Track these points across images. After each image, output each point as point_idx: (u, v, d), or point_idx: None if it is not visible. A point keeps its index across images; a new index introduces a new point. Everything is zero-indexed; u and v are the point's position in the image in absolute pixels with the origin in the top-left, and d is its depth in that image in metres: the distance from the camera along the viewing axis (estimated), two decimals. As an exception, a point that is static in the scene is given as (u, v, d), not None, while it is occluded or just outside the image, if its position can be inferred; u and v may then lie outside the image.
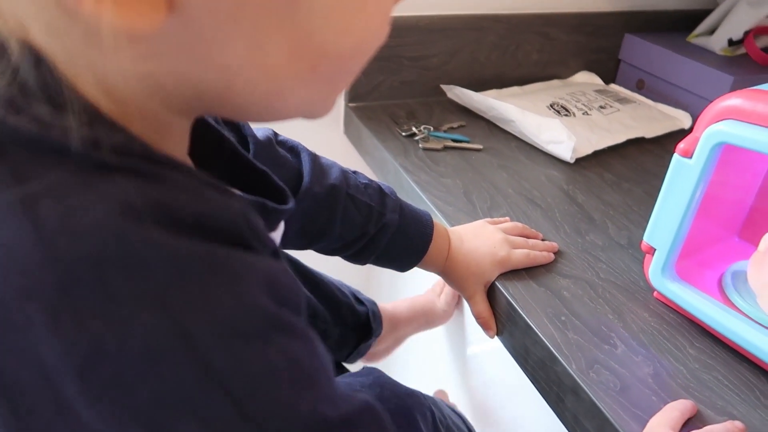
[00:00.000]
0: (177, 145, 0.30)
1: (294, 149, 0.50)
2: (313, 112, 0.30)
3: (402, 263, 0.56)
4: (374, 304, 0.68)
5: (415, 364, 0.93)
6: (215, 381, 0.23)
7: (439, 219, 0.62)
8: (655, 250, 0.52)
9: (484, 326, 0.56)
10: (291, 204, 0.36)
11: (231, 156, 0.37)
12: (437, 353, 0.88)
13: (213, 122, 0.37)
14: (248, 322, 0.24)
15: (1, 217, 0.22)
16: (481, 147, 0.77)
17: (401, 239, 0.54)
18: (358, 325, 0.66)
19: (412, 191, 0.67)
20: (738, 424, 0.42)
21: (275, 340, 0.25)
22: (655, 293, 0.54)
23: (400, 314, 0.74)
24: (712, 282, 0.55)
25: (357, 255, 0.54)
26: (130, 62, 0.24)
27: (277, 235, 0.37)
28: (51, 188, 0.22)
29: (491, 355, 0.75)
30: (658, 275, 0.52)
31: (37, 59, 0.23)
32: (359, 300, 0.66)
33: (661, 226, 0.50)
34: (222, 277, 0.24)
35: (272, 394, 0.25)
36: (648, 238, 0.52)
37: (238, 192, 0.30)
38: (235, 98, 0.27)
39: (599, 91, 0.92)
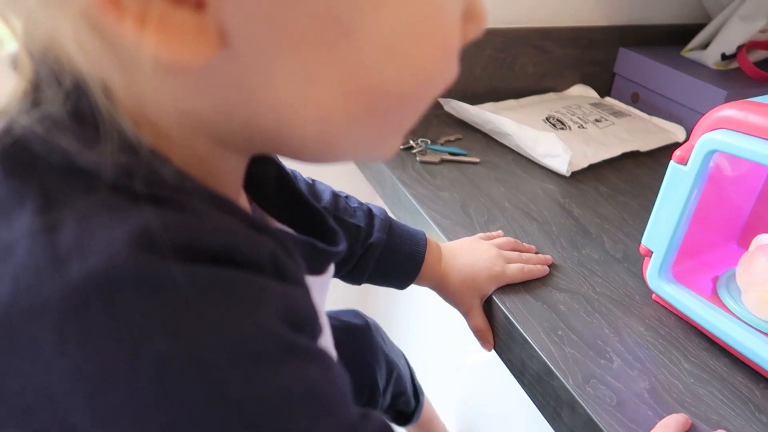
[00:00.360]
0: (226, 179, 0.29)
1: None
2: (374, 154, 0.29)
3: (396, 281, 0.56)
4: (423, 395, 0.69)
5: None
6: (230, 407, 0.22)
7: (436, 232, 0.63)
8: (652, 252, 0.53)
9: (482, 340, 0.56)
10: (342, 246, 0.35)
11: (288, 194, 0.36)
12: (435, 366, 0.88)
13: (274, 158, 0.36)
14: (263, 346, 0.23)
15: (20, 238, 0.22)
16: (478, 160, 0.77)
17: (391, 258, 0.54)
18: (401, 413, 0.66)
19: (410, 204, 0.68)
20: None
21: (291, 365, 0.24)
22: (653, 295, 0.55)
23: (428, 414, 0.78)
24: (708, 285, 0.56)
25: (350, 275, 0.55)
26: (170, 96, 0.23)
27: (326, 279, 0.36)
28: (76, 212, 0.22)
29: (488, 368, 0.75)
30: (655, 277, 0.53)
31: (83, 85, 0.22)
32: (416, 393, 0.66)
33: (658, 230, 0.52)
34: (235, 301, 0.23)
35: (288, 420, 0.24)
36: (646, 241, 0.54)
37: (287, 229, 0.29)
38: (288, 138, 0.26)
39: (594, 105, 0.93)
